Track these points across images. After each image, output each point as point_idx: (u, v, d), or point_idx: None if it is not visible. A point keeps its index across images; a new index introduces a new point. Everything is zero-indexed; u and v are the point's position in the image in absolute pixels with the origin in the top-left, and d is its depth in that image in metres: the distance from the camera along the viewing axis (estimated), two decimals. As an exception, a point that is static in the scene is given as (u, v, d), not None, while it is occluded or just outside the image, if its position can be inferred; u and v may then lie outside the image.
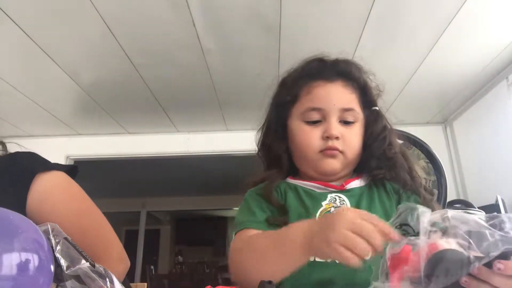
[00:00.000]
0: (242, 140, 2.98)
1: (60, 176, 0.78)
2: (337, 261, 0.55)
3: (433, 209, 0.79)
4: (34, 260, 0.44)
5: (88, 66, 2.14)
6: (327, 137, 0.81)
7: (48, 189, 0.75)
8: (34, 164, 0.77)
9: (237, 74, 2.30)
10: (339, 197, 0.82)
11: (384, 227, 0.52)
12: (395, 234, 0.51)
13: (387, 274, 0.50)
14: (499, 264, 0.46)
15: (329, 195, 0.82)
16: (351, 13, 1.80)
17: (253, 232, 0.76)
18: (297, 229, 0.63)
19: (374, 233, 0.51)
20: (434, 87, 2.51)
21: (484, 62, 2.23)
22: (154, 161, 3.42)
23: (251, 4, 1.72)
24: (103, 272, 0.52)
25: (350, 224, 0.53)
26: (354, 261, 0.52)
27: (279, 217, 0.80)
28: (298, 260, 0.62)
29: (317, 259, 0.70)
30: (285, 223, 0.74)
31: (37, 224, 0.59)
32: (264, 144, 0.95)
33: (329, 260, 0.69)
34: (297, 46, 2.00)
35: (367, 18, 1.82)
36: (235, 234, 0.79)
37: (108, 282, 0.51)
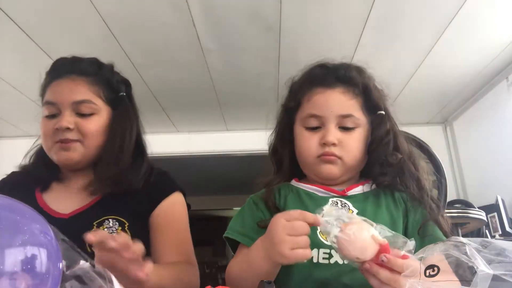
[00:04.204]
0: (242, 140, 2.99)
1: (181, 197, 1.08)
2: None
3: (439, 223, 0.79)
4: (43, 255, 0.44)
5: (88, 66, 2.13)
6: (324, 143, 0.83)
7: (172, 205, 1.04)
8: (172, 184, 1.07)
9: (237, 74, 2.30)
10: (341, 200, 0.83)
11: (308, 216, 0.62)
12: (317, 219, 0.61)
13: None
14: (384, 257, 0.56)
15: (330, 199, 0.83)
16: (351, 13, 1.80)
17: (241, 249, 0.82)
18: (257, 252, 0.70)
19: (303, 227, 0.62)
20: (434, 87, 2.51)
21: (484, 62, 2.23)
22: (154, 161, 3.41)
23: (251, 4, 1.72)
24: (103, 272, 0.52)
25: (284, 230, 0.62)
26: (307, 254, 0.61)
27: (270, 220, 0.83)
28: (274, 271, 0.70)
29: (320, 261, 0.74)
30: None
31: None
32: (273, 147, 0.96)
33: (332, 262, 0.73)
34: (297, 46, 2.00)
35: (367, 18, 1.82)
36: (224, 236, 0.85)
37: (107, 282, 0.51)
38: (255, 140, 2.65)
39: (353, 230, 0.57)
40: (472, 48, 2.09)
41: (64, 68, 1.03)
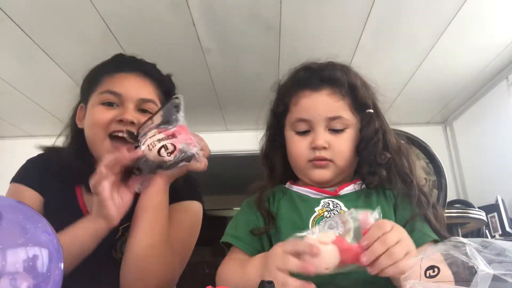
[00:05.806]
0: (242, 140, 2.98)
1: (198, 207, 1.08)
2: None
3: (428, 218, 0.79)
4: (44, 255, 0.44)
5: (88, 66, 2.13)
6: (314, 148, 0.82)
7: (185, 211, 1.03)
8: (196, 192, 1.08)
9: (237, 74, 2.30)
10: (333, 201, 0.83)
11: (299, 248, 0.62)
12: (314, 248, 0.61)
13: None
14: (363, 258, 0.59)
15: (322, 201, 0.83)
16: (351, 13, 1.80)
17: (234, 253, 0.83)
18: (253, 270, 0.71)
19: (295, 266, 0.62)
20: (434, 87, 2.51)
21: (484, 62, 2.23)
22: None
23: (251, 4, 1.72)
24: None
25: (279, 264, 0.63)
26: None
27: (264, 226, 0.84)
28: None
29: None
30: (266, 232, 0.82)
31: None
32: (264, 152, 0.96)
33: None
34: (297, 46, 2.00)
35: (367, 18, 1.82)
36: (221, 242, 0.85)
37: None
38: (255, 140, 2.65)
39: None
40: (472, 48, 2.09)
41: (129, 64, 1.03)
